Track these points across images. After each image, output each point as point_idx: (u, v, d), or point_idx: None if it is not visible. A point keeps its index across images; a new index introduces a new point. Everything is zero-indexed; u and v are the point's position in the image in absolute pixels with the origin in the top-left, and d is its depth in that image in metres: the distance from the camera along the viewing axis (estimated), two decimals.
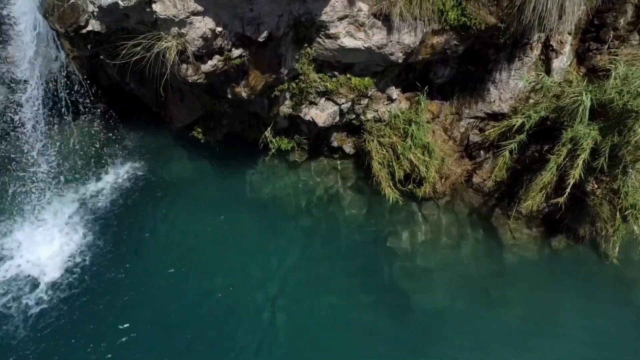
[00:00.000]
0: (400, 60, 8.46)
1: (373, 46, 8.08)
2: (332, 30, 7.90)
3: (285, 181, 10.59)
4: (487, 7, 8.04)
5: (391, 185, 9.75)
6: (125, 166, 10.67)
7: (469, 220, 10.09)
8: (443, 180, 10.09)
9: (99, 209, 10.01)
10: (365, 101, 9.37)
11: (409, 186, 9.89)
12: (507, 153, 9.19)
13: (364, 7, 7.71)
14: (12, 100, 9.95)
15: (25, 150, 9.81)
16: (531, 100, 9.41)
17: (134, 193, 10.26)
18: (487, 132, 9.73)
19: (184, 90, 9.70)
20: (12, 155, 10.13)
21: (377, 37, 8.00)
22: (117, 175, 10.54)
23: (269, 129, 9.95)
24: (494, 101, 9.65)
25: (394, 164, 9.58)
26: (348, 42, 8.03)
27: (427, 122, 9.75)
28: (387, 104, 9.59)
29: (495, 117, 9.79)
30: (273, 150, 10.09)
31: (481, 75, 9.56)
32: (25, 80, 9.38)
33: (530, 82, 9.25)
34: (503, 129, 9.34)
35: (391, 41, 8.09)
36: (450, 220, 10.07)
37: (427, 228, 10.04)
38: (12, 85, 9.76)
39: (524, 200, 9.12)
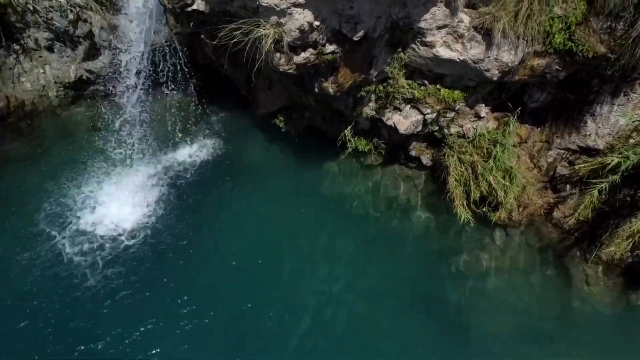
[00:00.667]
0: (495, 78, 8.12)
1: (469, 60, 7.82)
2: (429, 38, 7.73)
3: (357, 182, 10.53)
4: (598, 34, 7.52)
5: (465, 204, 9.41)
6: (207, 142, 11.10)
7: (541, 256, 9.54)
8: (521, 208, 9.60)
9: (177, 178, 10.44)
10: (451, 114, 9.10)
11: (483, 209, 9.50)
12: (595, 192, 8.55)
13: (466, 19, 7.47)
14: (117, 66, 10.69)
15: (122, 113, 10.48)
16: (632, 140, 8.70)
17: (211, 169, 10.62)
18: (577, 167, 9.13)
19: (273, 79, 9.91)
20: (110, 116, 10.86)
21: (474, 50, 7.73)
22: (199, 149, 10.98)
23: (349, 127, 9.95)
24: (590, 135, 9.03)
25: (471, 183, 9.24)
26: (443, 52, 7.83)
27: (514, 145, 9.31)
28: (473, 121, 9.26)
29: (589, 151, 9.15)
30: (350, 150, 10.08)
31: (580, 106, 8.97)
32: (130, 48, 10.03)
33: (634, 121, 8.55)
34: (595, 166, 8.71)
35: (489, 57, 7.79)
36: (522, 252, 9.57)
37: (495, 255, 9.60)
38: (119, 52, 10.46)
39: (607, 245, 8.48)
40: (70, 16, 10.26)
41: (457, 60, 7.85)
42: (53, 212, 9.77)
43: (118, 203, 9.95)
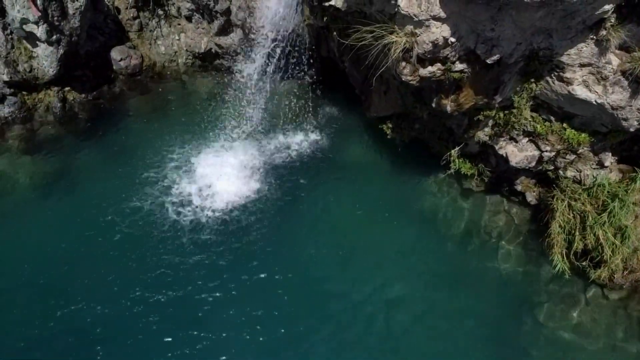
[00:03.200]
0: (632, 129, 7.50)
1: (607, 104, 7.27)
2: (568, 74, 7.28)
3: (454, 205, 10.24)
4: None
5: (564, 253, 8.84)
6: (314, 133, 11.31)
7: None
8: (626, 272, 8.84)
9: (280, 162, 10.78)
10: (571, 157, 8.54)
11: (583, 262, 8.86)
12: None
13: (614, 61, 6.94)
14: (246, 45, 11.17)
15: (242, 90, 10.96)
16: None
17: (312, 160, 10.84)
18: None
19: (391, 85, 9.84)
20: (230, 91, 11.39)
21: (616, 96, 7.17)
22: (305, 138, 11.23)
23: (457, 148, 9.67)
24: None
25: (577, 233, 8.64)
26: (580, 92, 7.34)
27: (634, 203, 8.56)
28: (595, 168, 8.63)
29: None
30: (452, 170, 9.81)
31: None
32: (262, 30, 10.42)
33: None
34: None
35: (631, 106, 7.19)
36: (617, 319, 8.81)
37: (587, 316, 8.91)
38: (251, 32, 10.90)
39: None
40: None
41: (594, 102, 7.33)
42: (162, 168, 10.53)
43: (222, 174, 10.46)
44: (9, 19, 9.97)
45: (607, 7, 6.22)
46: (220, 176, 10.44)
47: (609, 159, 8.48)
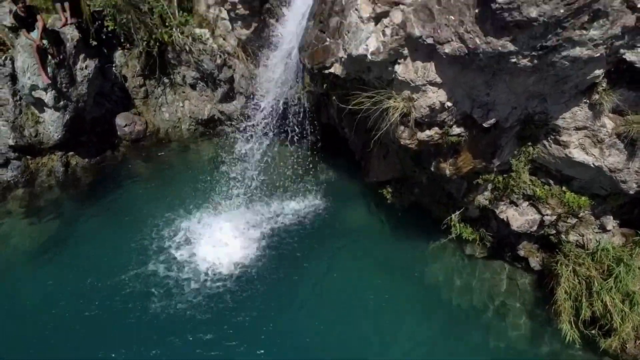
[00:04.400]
0: (631, 192, 7.49)
1: (605, 167, 7.31)
2: (564, 138, 7.38)
3: (455, 271, 10.04)
4: None
5: (572, 321, 8.53)
6: (312, 198, 11.32)
7: None
8: (638, 341, 8.48)
9: (279, 227, 10.71)
10: (573, 221, 8.47)
11: (593, 331, 8.54)
12: None
13: (609, 124, 7.05)
14: (248, 111, 11.46)
15: (242, 155, 11.09)
16: None
17: (312, 225, 10.77)
18: None
19: (390, 149, 9.97)
20: (230, 156, 11.53)
21: (613, 159, 7.23)
22: (304, 203, 11.22)
23: (457, 212, 9.62)
24: None
25: (584, 300, 8.39)
26: (577, 155, 7.41)
27: None
28: (597, 232, 8.53)
29: None
30: (453, 235, 9.70)
31: None
32: (264, 98, 10.72)
33: None
34: None
35: (628, 168, 7.23)
36: None
37: None
38: (253, 99, 11.22)
39: None
40: (218, 61, 11.27)
41: (592, 165, 7.38)
42: (160, 230, 10.45)
43: (222, 240, 10.36)
44: (19, 85, 10.32)
45: (597, 72, 6.41)
46: (220, 243, 10.33)
47: (610, 222, 8.41)
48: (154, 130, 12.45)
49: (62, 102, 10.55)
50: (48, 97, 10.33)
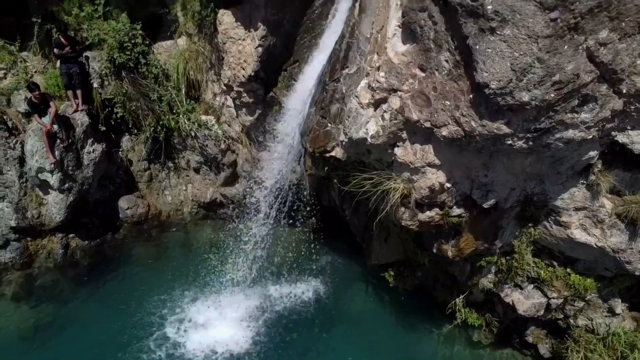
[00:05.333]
0: (637, 273, 7.39)
1: (607, 248, 7.27)
2: (564, 218, 7.41)
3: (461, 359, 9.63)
4: None
5: None
6: (314, 282, 11.13)
7: None
8: None
9: (278, 313, 10.42)
10: (580, 304, 8.27)
11: None
12: None
13: (608, 205, 7.12)
14: (250, 195, 11.57)
15: (243, 239, 11.05)
16: None
17: (312, 311, 10.49)
18: None
19: (391, 232, 9.97)
20: (231, 240, 11.49)
21: (615, 239, 7.21)
22: (304, 287, 11.02)
23: (461, 296, 9.42)
24: None
25: None
26: (579, 235, 7.40)
27: None
28: (606, 316, 8.29)
29: None
30: (459, 321, 9.42)
31: None
32: (266, 182, 10.89)
33: None
34: None
35: (632, 248, 7.19)
36: None
37: None
38: (255, 183, 11.39)
39: None
40: (222, 146, 11.60)
41: (594, 246, 7.34)
42: (158, 315, 10.15)
43: (220, 325, 10.05)
44: (27, 167, 10.54)
45: (591, 153, 6.59)
46: (218, 328, 10.02)
47: (619, 305, 8.20)
48: (156, 213, 12.52)
49: (67, 185, 10.72)
50: (54, 179, 10.51)
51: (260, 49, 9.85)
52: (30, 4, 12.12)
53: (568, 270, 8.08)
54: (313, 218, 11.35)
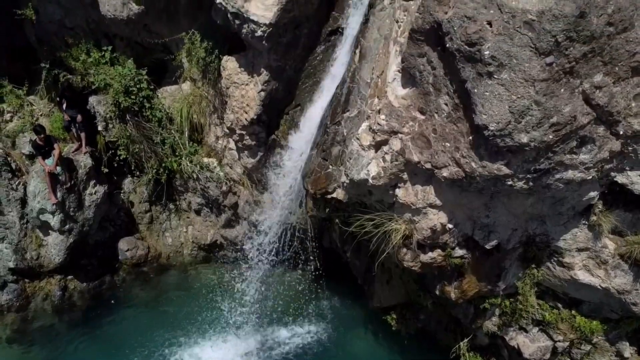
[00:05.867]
0: None
1: (612, 289, 7.22)
2: (567, 260, 7.40)
3: None
4: None
5: None
6: (314, 325, 10.97)
7: None
8: None
9: (279, 356, 10.23)
10: (587, 347, 8.12)
11: None
12: None
13: (610, 245, 7.12)
14: (250, 237, 11.56)
15: (243, 281, 10.95)
16: None
17: (312, 354, 10.29)
18: None
19: (393, 273, 9.89)
20: (231, 282, 11.38)
21: (619, 280, 7.17)
22: (305, 331, 10.84)
23: (465, 340, 9.26)
24: None
25: None
26: (582, 277, 7.36)
27: None
28: None
29: None
30: None
31: None
32: (267, 223, 10.90)
33: None
34: None
35: (637, 290, 7.14)
36: None
37: None
38: (256, 225, 11.40)
39: None
40: (224, 188, 11.66)
41: (599, 287, 7.30)
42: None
43: None
44: (28, 209, 10.56)
45: (592, 194, 6.65)
46: None
47: (627, 349, 8.05)
48: (156, 255, 12.44)
49: (67, 226, 10.72)
50: (55, 220, 10.52)
51: (263, 93, 10.07)
52: (39, 51, 12.50)
53: (573, 312, 7.98)
54: (313, 260, 11.30)
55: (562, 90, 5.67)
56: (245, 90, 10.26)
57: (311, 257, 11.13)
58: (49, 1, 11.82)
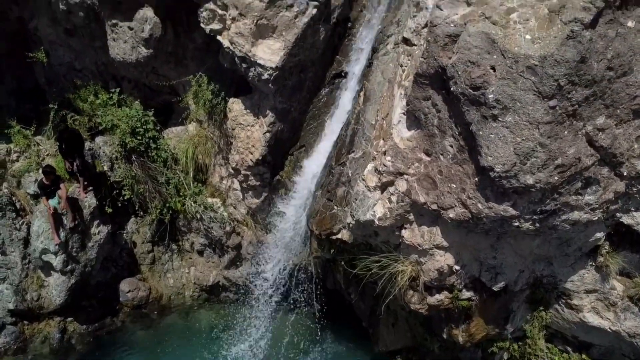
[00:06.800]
0: None
1: (623, 332, 7.12)
2: (575, 302, 7.33)
3: None
4: None
5: None
6: None
7: None
8: None
9: None
10: None
11: None
12: None
13: (619, 287, 7.07)
14: (253, 278, 11.46)
15: (245, 324, 10.77)
16: None
17: None
18: None
19: (399, 316, 9.76)
20: (233, 325, 11.19)
21: (630, 322, 7.07)
22: None
23: None
24: None
25: None
26: (591, 319, 7.28)
27: None
28: None
29: None
30: None
31: None
32: (270, 264, 10.83)
33: None
34: None
35: None
36: None
37: None
38: (259, 266, 11.31)
39: None
40: (227, 228, 11.64)
41: (608, 330, 7.19)
42: None
43: None
44: (31, 249, 10.50)
45: (598, 235, 6.66)
46: None
47: None
48: (157, 296, 12.28)
49: (69, 266, 10.62)
50: (57, 260, 10.44)
51: (268, 134, 10.22)
52: (48, 92, 12.76)
53: (583, 356, 7.85)
54: (317, 302, 11.15)
55: (565, 132, 5.78)
56: (251, 132, 10.42)
57: (315, 298, 11.00)
58: (60, 44, 12.17)
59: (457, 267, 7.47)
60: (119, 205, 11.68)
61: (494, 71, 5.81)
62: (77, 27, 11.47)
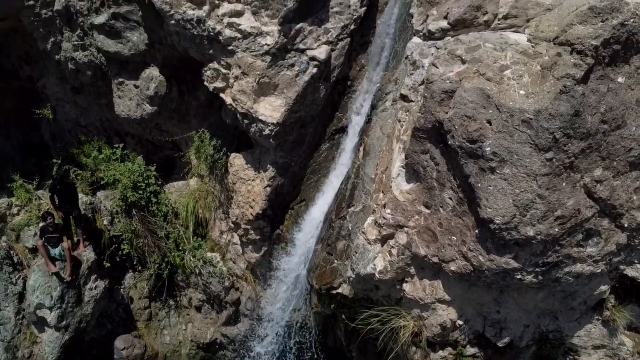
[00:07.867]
0: None
1: None
2: (583, 358, 7.13)
3: None
4: None
5: None
6: None
7: None
8: None
9: None
10: None
11: None
12: None
13: (628, 343, 6.90)
14: (251, 335, 11.19)
15: None
16: None
17: None
18: None
19: None
20: None
21: None
22: None
23: None
24: None
25: None
26: None
27: None
28: None
29: None
30: None
31: None
32: (269, 320, 10.61)
33: None
34: None
35: None
36: None
37: None
38: (257, 322, 11.09)
39: None
40: (226, 283, 11.48)
41: None
42: None
43: None
44: (25, 304, 10.30)
45: (602, 287, 6.57)
46: None
47: None
48: (153, 354, 11.92)
49: (64, 322, 10.37)
50: (52, 316, 10.20)
51: (268, 188, 10.29)
52: (52, 147, 12.98)
53: None
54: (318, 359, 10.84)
55: (564, 184, 5.84)
56: (252, 186, 10.50)
57: (315, 357, 10.68)
58: (66, 101, 12.51)
59: (460, 322, 7.31)
60: (117, 259, 11.58)
61: (490, 125, 5.95)
62: (84, 85, 11.84)
